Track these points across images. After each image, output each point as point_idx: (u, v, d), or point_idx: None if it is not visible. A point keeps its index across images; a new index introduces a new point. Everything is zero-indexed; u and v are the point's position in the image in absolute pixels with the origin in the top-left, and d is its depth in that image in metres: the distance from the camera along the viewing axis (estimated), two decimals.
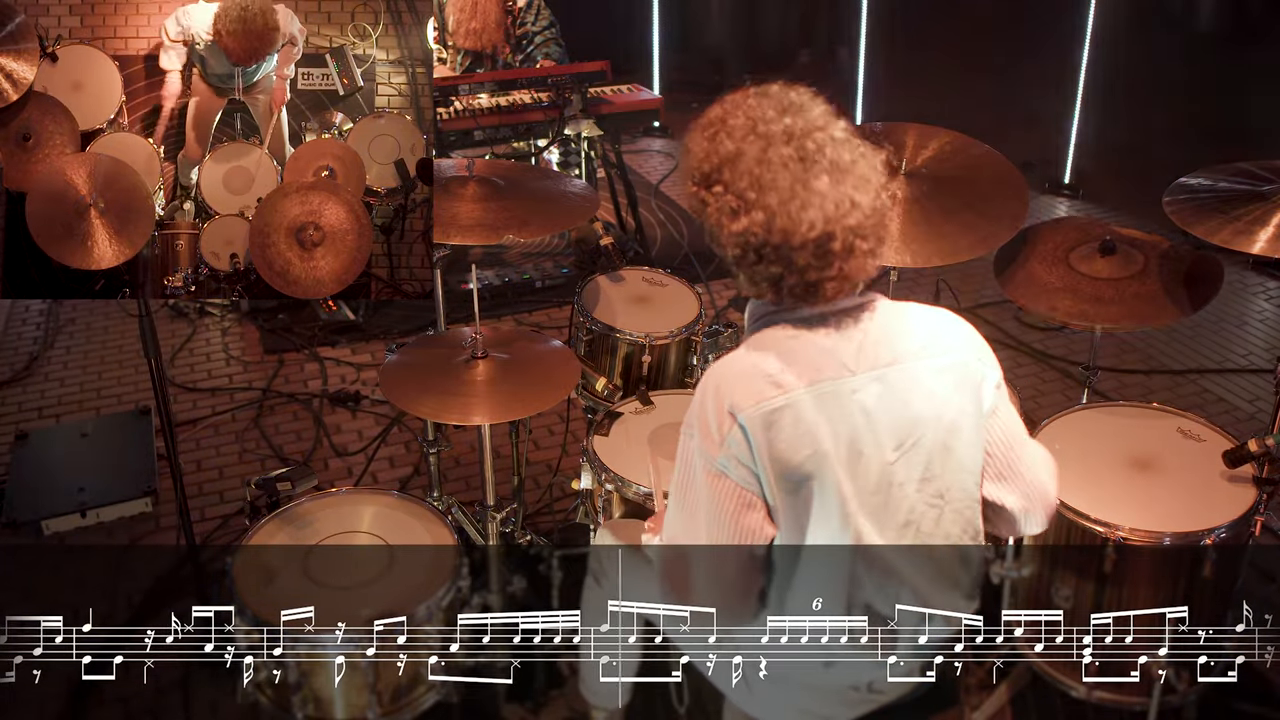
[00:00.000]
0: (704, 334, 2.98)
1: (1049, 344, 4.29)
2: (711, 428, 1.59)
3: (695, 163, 1.59)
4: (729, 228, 1.55)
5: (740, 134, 1.54)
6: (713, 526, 1.63)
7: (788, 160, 1.51)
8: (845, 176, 1.53)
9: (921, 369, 1.63)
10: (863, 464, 1.61)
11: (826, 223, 1.51)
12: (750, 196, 1.52)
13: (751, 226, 1.52)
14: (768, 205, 1.51)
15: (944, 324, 1.69)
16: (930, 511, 1.67)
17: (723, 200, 1.55)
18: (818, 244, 1.52)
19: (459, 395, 2.39)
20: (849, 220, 1.52)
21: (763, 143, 1.53)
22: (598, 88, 4.55)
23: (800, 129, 1.53)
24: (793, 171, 1.51)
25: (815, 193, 1.51)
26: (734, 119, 1.56)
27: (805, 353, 1.59)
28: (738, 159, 1.53)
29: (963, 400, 1.66)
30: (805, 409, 1.57)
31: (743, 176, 1.53)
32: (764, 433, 1.56)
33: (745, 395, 1.57)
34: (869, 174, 1.56)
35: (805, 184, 1.51)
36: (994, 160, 2.69)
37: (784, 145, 1.52)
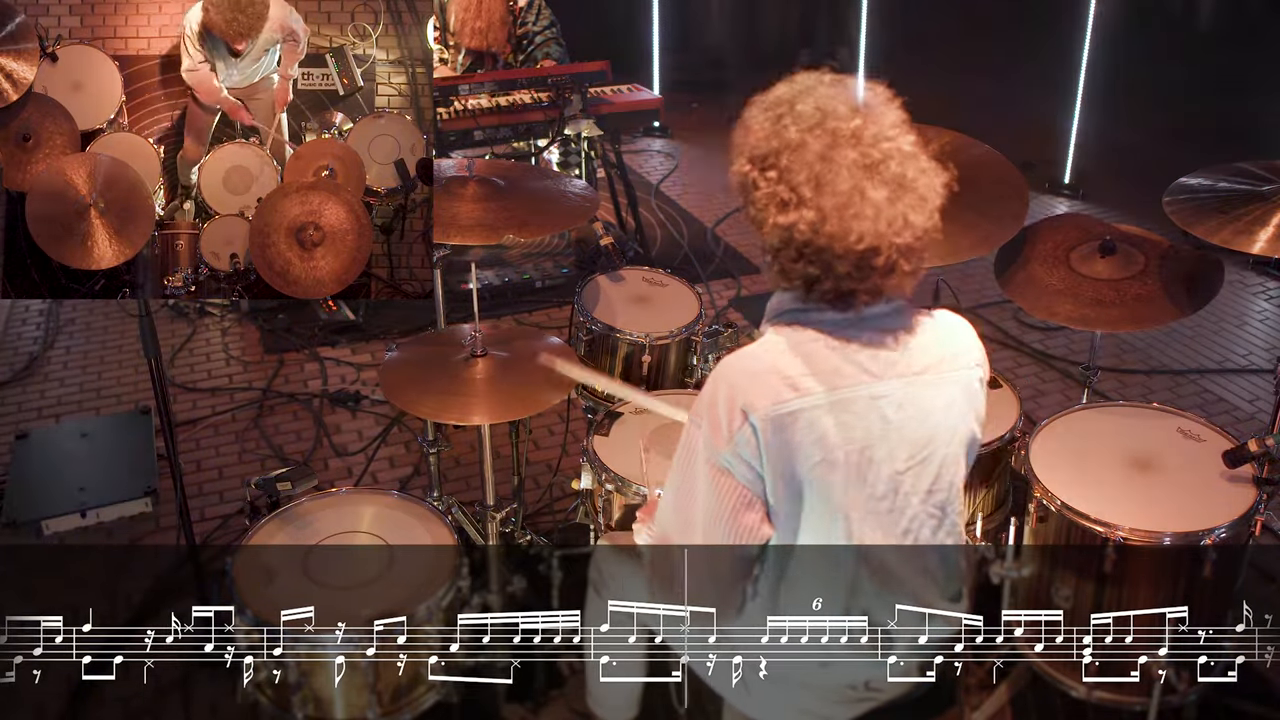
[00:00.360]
0: (704, 334, 2.98)
1: (1049, 344, 4.29)
2: (721, 422, 1.57)
3: (754, 140, 1.53)
4: (775, 218, 1.51)
5: (808, 124, 1.49)
6: (709, 520, 1.62)
7: (852, 165, 1.47)
8: (904, 194, 1.49)
9: (946, 381, 1.62)
10: (873, 470, 1.59)
11: (876, 237, 1.47)
12: (805, 193, 1.48)
13: (799, 223, 1.48)
14: (821, 206, 1.47)
15: (965, 337, 1.68)
16: (930, 522, 1.67)
17: (775, 188, 1.50)
18: (861, 256, 1.48)
19: (459, 395, 2.39)
20: (899, 239, 1.49)
21: (829, 139, 1.48)
22: (598, 88, 4.55)
23: (870, 135, 1.49)
24: (854, 177, 1.47)
25: (871, 204, 1.46)
26: (803, 104, 1.51)
27: (828, 358, 1.56)
28: (800, 149, 1.48)
29: (971, 415, 1.66)
30: (820, 415, 1.55)
31: (802, 169, 1.48)
32: (775, 435, 1.54)
33: (760, 395, 1.54)
34: (928, 194, 1.52)
35: (863, 193, 1.46)
36: (994, 160, 2.69)
37: (850, 148, 1.47)
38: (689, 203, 5.73)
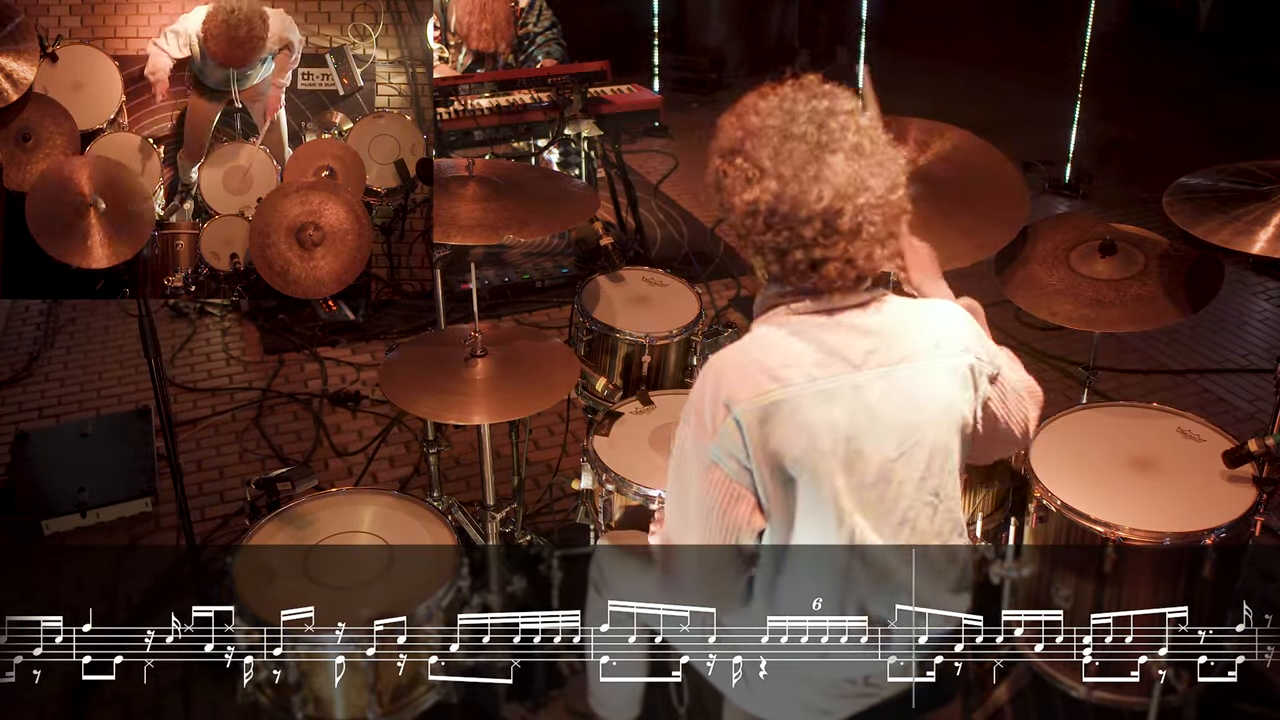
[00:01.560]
0: (704, 334, 2.98)
1: (1049, 344, 4.29)
2: (706, 418, 1.60)
3: (722, 139, 1.61)
4: (742, 195, 1.57)
5: (768, 112, 1.57)
6: (702, 515, 1.64)
7: (807, 134, 1.54)
8: (862, 159, 1.55)
9: (932, 368, 1.63)
10: (861, 461, 1.61)
11: (836, 197, 1.52)
12: (765, 165, 1.54)
13: (763, 195, 1.54)
14: (781, 174, 1.53)
15: (955, 320, 1.70)
16: (925, 509, 1.68)
17: (740, 169, 1.57)
18: (825, 218, 1.53)
19: (459, 395, 2.39)
20: (859, 199, 1.53)
21: (787, 118, 1.55)
22: (598, 88, 4.55)
23: (825, 109, 1.56)
24: (810, 144, 1.53)
25: (828, 166, 1.52)
26: (766, 102, 1.59)
27: (809, 348, 1.59)
28: (761, 132, 1.56)
29: (963, 401, 1.67)
30: (803, 404, 1.57)
31: (763, 147, 1.55)
32: (759, 427, 1.57)
33: (742, 388, 1.58)
34: (886, 163, 1.58)
35: (820, 158, 1.53)
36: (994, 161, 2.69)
37: (807, 123, 1.54)
38: (689, 203, 5.73)
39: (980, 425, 1.72)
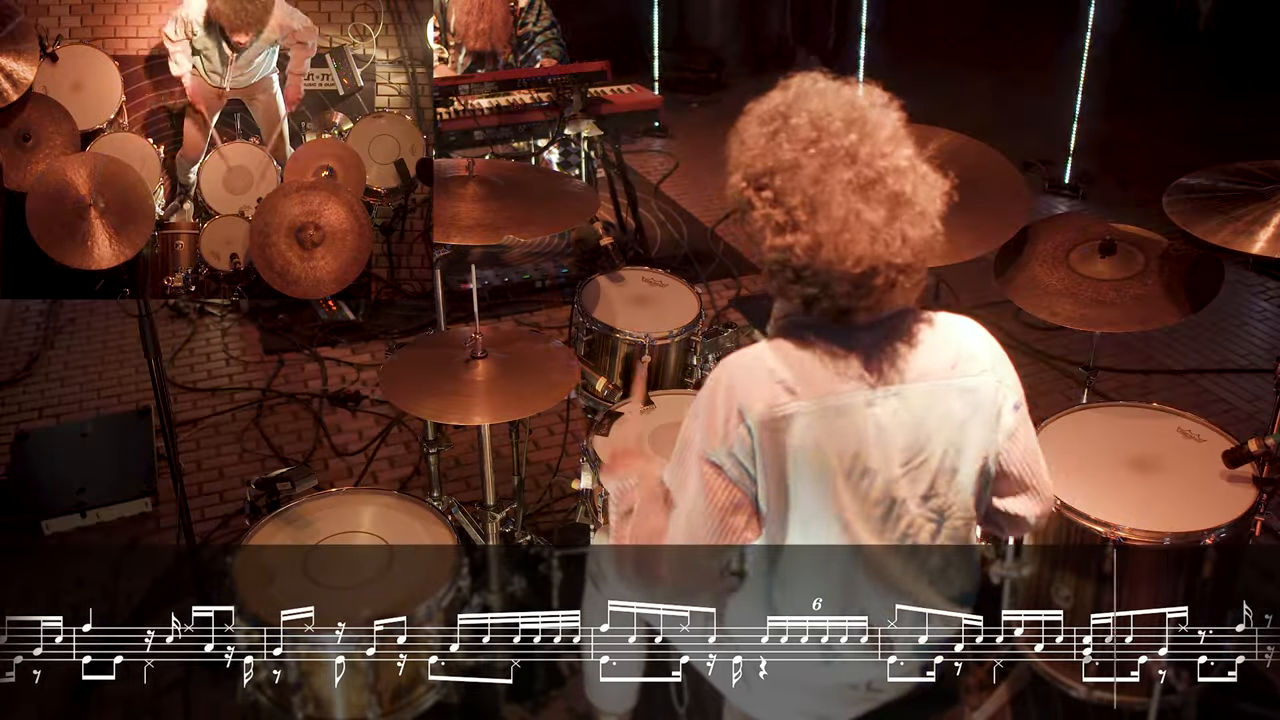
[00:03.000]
0: (704, 334, 2.98)
1: (1049, 344, 4.29)
2: (718, 421, 1.58)
3: (748, 157, 1.52)
4: (772, 240, 1.50)
5: (802, 142, 1.48)
6: (693, 513, 1.62)
7: (846, 186, 1.45)
8: (902, 211, 1.48)
9: (945, 389, 1.60)
10: (867, 479, 1.59)
11: (874, 259, 1.47)
12: (800, 217, 1.47)
13: (795, 247, 1.48)
14: (816, 231, 1.46)
15: (974, 342, 1.65)
16: (928, 526, 1.66)
17: (770, 210, 1.49)
18: (859, 278, 1.48)
19: (459, 395, 2.39)
20: (897, 259, 1.48)
21: (823, 160, 1.46)
22: (598, 88, 4.55)
23: (865, 153, 1.47)
24: (849, 200, 1.45)
25: (867, 226, 1.45)
26: (797, 118, 1.49)
27: (825, 364, 1.57)
28: (794, 171, 1.47)
29: (978, 423, 1.64)
30: (814, 420, 1.55)
31: (796, 192, 1.47)
32: (770, 437, 1.55)
33: (757, 398, 1.55)
34: (927, 207, 1.51)
35: (859, 215, 1.45)
36: (994, 161, 2.69)
37: (845, 168, 1.46)
38: (689, 203, 5.73)
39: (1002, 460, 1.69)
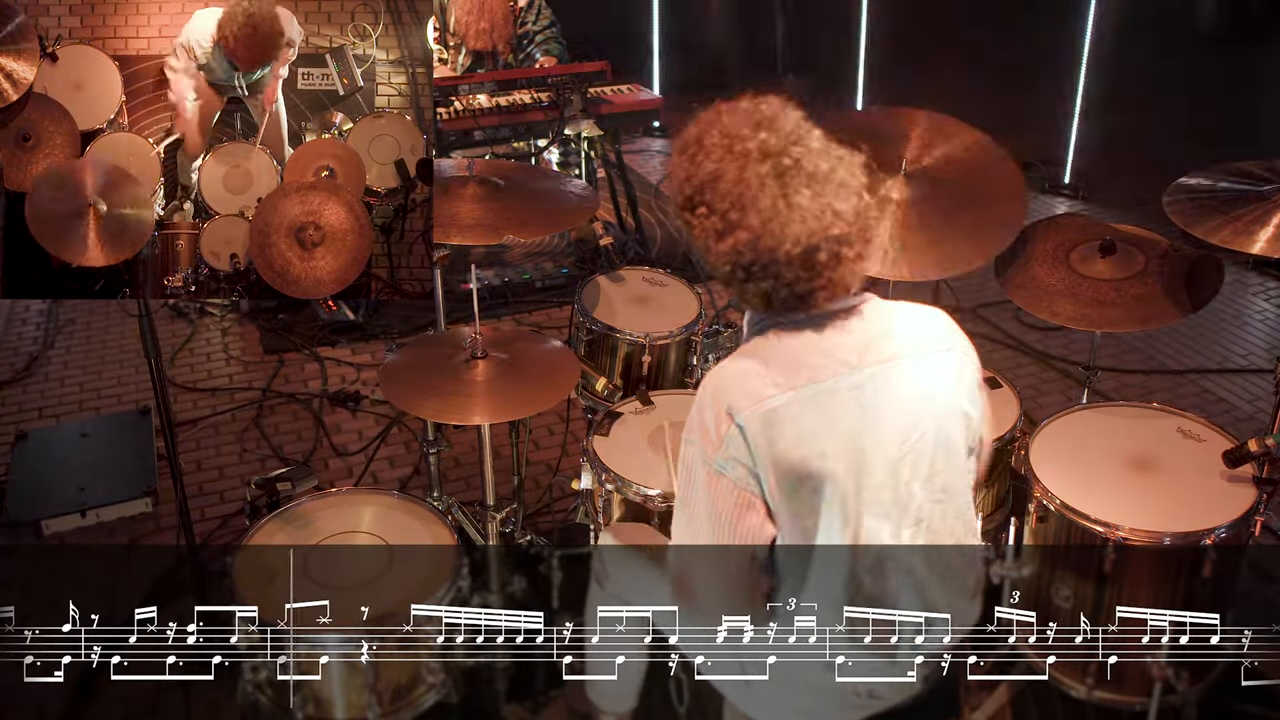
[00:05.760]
0: (704, 334, 2.98)
1: (1049, 344, 4.29)
2: (710, 430, 1.60)
3: (678, 186, 1.61)
4: (716, 248, 1.58)
5: (717, 154, 1.56)
6: (714, 528, 1.64)
7: (765, 178, 1.53)
8: (824, 186, 1.54)
9: (921, 365, 1.64)
10: (866, 461, 1.61)
11: (810, 236, 1.53)
12: (733, 217, 1.54)
13: (737, 245, 1.55)
14: (750, 225, 1.53)
15: (938, 320, 1.72)
16: (937, 508, 1.68)
17: (707, 222, 1.57)
18: (803, 258, 1.54)
19: (459, 395, 2.39)
20: (832, 231, 1.54)
21: (740, 161, 1.54)
22: (598, 88, 4.55)
23: (775, 145, 1.55)
24: (771, 189, 1.53)
25: (796, 208, 1.52)
26: (709, 138, 1.58)
27: (803, 354, 1.60)
28: (717, 180, 1.55)
29: (960, 395, 1.67)
30: (804, 408, 1.58)
31: (724, 198, 1.54)
32: (763, 432, 1.57)
33: (742, 396, 1.58)
34: (848, 179, 1.57)
35: (786, 200, 1.52)
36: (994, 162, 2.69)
37: (760, 163, 1.54)
38: None
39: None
